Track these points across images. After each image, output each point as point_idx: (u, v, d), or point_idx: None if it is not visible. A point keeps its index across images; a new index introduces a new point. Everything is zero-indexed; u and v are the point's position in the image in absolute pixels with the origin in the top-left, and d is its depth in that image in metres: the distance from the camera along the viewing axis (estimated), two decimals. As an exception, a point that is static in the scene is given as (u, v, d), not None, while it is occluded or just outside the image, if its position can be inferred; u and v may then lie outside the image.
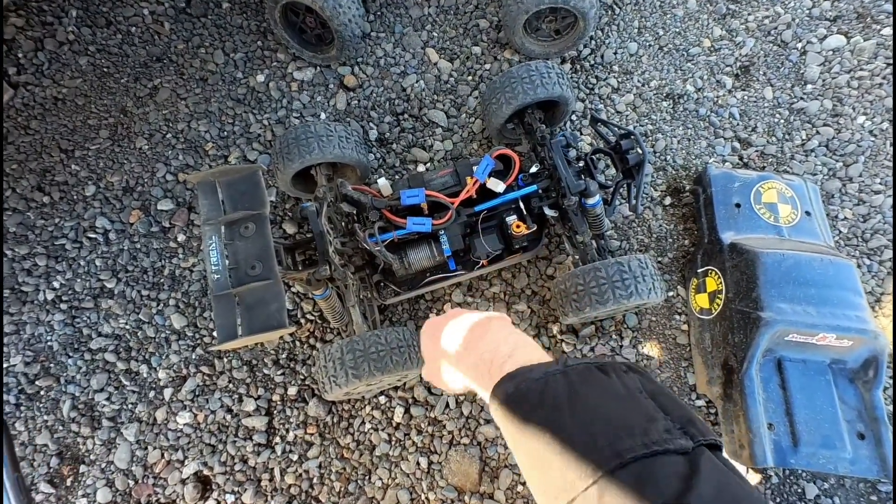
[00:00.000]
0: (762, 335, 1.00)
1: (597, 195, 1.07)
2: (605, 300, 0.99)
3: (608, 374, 0.45)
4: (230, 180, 1.02)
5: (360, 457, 1.18)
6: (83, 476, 1.21)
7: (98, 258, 1.35)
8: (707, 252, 1.21)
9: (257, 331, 0.92)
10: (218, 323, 0.92)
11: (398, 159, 1.40)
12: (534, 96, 1.15)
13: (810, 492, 1.13)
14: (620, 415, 0.41)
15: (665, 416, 0.41)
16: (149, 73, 1.48)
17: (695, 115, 1.43)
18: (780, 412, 1.01)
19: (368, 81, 1.46)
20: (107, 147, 1.43)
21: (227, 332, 0.92)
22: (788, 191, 1.22)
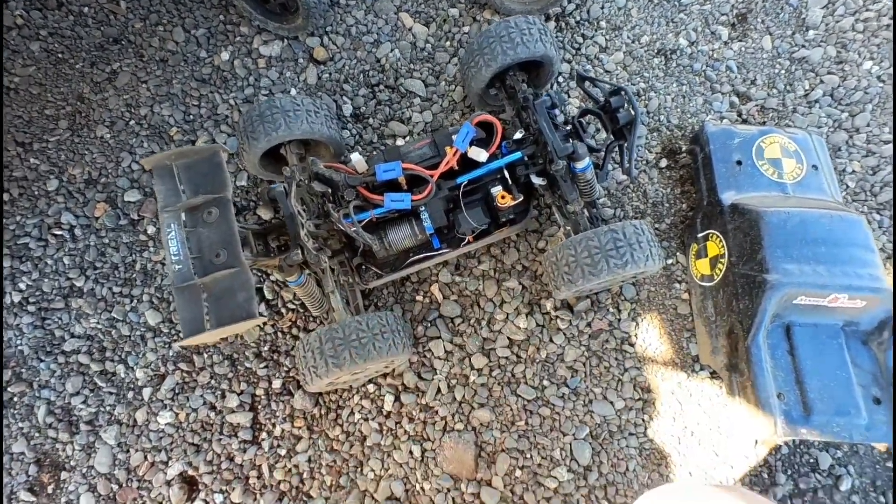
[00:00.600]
0: (769, 299, 0.94)
1: (586, 158, 0.99)
2: (598, 271, 0.92)
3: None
4: (189, 163, 0.95)
5: (351, 448, 1.13)
6: (64, 483, 1.16)
7: (65, 256, 1.27)
8: (707, 215, 1.13)
9: (226, 322, 0.85)
10: (182, 316, 0.86)
11: (375, 134, 1.31)
12: (514, 56, 1.06)
13: (823, 461, 1.08)
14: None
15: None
16: (106, 56, 1.39)
17: (689, 70, 1.34)
18: (790, 380, 0.95)
19: (340, 53, 1.37)
20: (66, 138, 1.35)
21: (194, 326, 0.85)
22: (792, 144, 1.13)
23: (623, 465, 1.09)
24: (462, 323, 1.18)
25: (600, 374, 1.14)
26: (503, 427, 1.11)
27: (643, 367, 1.14)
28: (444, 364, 1.16)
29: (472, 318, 1.18)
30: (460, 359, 1.16)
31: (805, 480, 1.07)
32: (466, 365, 1.15)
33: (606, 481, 1.08)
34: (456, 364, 1.16)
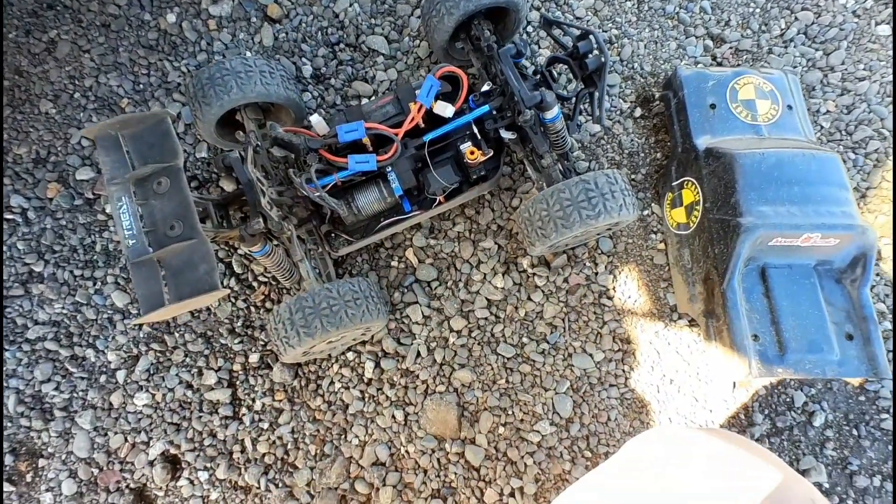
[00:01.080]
0: (743, 242, 0.93)
1: (555, 107, 0.95)
2: (571, 223, 0.90)
3: None
4: (135, 132, 0.89)
5: (334, 417, 1.12)
6: (43, 470, 1.14)
7: (20, 241, 1.21)
8: (681, 162, 1.11)
9: (187, 296, 0.82)
10: (139, 293, 0.82)
11: (339, 96, 1.25)
12: (478, 3, 1.00)
13: (798, 399, 1.10)
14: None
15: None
16: (41, 23, 1.29)
17: (661, 13, 1.29)
18: (766, 322, 0.95)
19: (295, 10, 1.28)
20: (7, 115, 1.26)
21: (152, 302, 0.82)
22: (767, 84, 1.10)
23: (604, 415, 1.10)
24: (439, 286, 1.16)
25: (579, 328, 1.13)
26: (485, 386, 1.11)
27: (622, 319, 1.13)
28: (422, 328, 1.14)
29: (449, 280, 1.16)
30: (439, 322, 1.14)
31: (781, 419, 1.09)
32: (445, 328, 1.14)
33: (588, 432, 1.09)
34: (435, 328, 1.14)
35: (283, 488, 1.11)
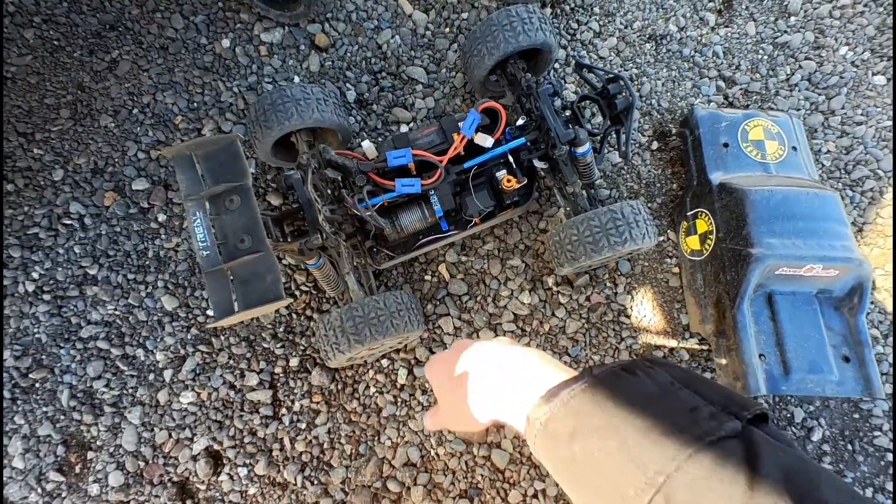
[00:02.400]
0: (753, 271, 1.03)
1: (587, 143, 1.05)
2: (599, 248, 0.99)
3: (636, 374, 0.43)
4: (207, 153, 0.98)
5: (368, 419, 1.20)
6: (92, 462, 1.21)
7: (76, 245, 1.30)
8: (696, 194, 1.22)
9: (254, 304, 0.91)
10: (213, 300, 0.90)
11: (380, 121, 1.35)
12: (516, 45, 1.11)
13: (798, 415, 1.19)
14: (661, 416, 0.39)
15: (705, 401, 0.40)
16: (104, 44, 1.38)
17: (678, 55, 1.41)
18: (771, 343, 1.05)
19: (341, 39, 1.39)
20: (69, 127, 1.35)
21: (224, 308, 0.90)
22: (774, 127, 1.22)
23: (620, 425, 1.18)
24: (469, 300, 1.25)
25: (599, 343, 1.23)
26: (511, 395, 1.19)
27: (638, 335, 1.23)
28: (453, 339, 1.23)
29: (479, 295, 1.26)
30: (468, 333, 1.23)
31: (782, 433, 1.19)
32: (475, 339, 1.23)
33: (605, 441, 1.17)
34: (464, 338, 1.23)
35: (318, 485, 1.18)
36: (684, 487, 0.36)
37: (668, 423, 0.38)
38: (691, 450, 0.36)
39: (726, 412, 0.38)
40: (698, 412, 0.38)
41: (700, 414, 0.38)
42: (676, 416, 0.39)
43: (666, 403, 0.40)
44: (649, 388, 0.41)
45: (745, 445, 0.36)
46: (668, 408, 0.39)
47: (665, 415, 0.39)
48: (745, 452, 0.36)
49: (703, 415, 0.38)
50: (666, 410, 0.39)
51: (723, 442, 0.37)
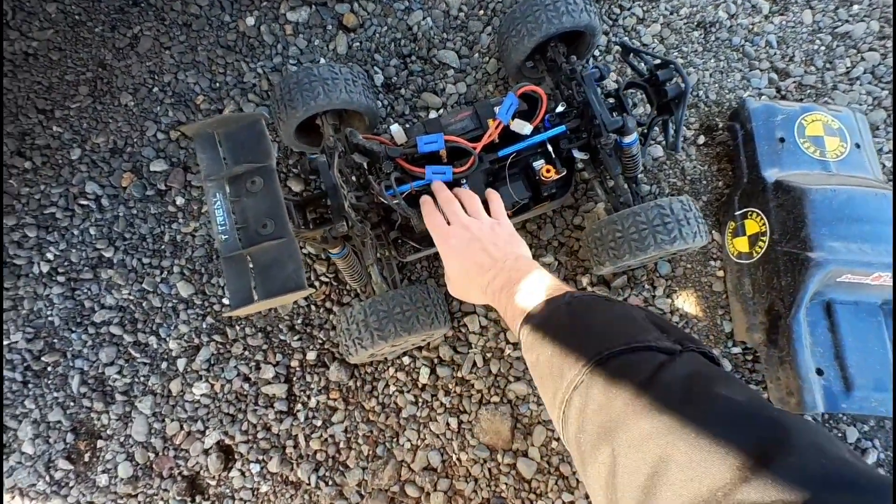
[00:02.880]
0: (812, 276, 0.94)
1: (634, 133, 0.98)
2: (645, 246, 0.92)
3: (611, 301, 0.52)
4: (230, 131, 0.92)
5: (387, 419, 1.14)
6: (101, 451, 1.17)
7: (92, 226, 1.26)
8: (746, 192, 1.13)
9: (274, 294, 0.85)
10: (230, 287, 0.85)
11: (408, 106, 1.29)
12: (559, 26, 1.03)
13: (851, 435, 1.10)
14: (612, 327, 0.46)
15: (661, 332, 0.45)
16: (126, 19, 1.34)
17: (728, 44, 1.31)
18: (830, 356, 0.96)
19: (370, 20, 1.33)
20: (88, 105, 1.31)
21: (242, 297, 0.84)
22: (835, 122, 1.12)
23: (656, 437, 1.10)
24: (497, 298, 1.18)
25: (635, 349, 1.15)
26: (540, 400, 1.12)
27: (677, 343, 1.15)
28: (479, 339, 1.16)
29: (508, 293, 1.18)
30: (495, 333, 1.16)
31: (833, 454, 1.10)
32: (502, 339, 1.16)
33: (639, 453, 1.10)
34: (491, 338, 1.16)
35: (333, 486, 1.13)
36: (600, 380, 0.41)
37: (612, 333, 0.45)
38: (616, 349, 0.42)
39: (674, 340, 0.43)
40: (645, 332, 0.44)
41: (645, 333, 0.44)
42: (623, 329, 0.45)
43: (621, 322, 0.47)
44: (616, 310, 0.49)
45: (671, 355, 0.41)
46: (620, 326, 0.46)
47: (614, 328, 0.46)
48: (666, 359, 0.40)
49: (647, 334, 0.44)
50: (617, 327, 0.46)
51: (651, 351, 0.42)
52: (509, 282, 0.66)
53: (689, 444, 0.33)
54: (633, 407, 0.37)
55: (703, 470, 0.31)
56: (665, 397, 0.36)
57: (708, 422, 0.33)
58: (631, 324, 0.47)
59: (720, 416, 0.34)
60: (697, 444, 0.32)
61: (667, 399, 0.36)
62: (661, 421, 0.35)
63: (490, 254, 0.76)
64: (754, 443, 0.32)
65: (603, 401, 0.40)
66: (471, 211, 0.88)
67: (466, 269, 0.77)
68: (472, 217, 0.86)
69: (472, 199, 0.88)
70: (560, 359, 0.46)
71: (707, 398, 0.35)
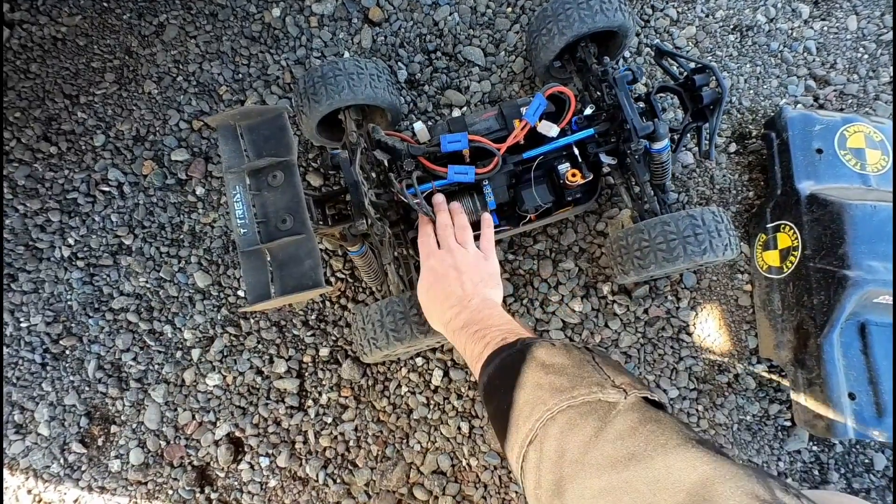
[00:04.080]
0: (849, 296, 0.90)
1: (665, 139, 0.94)
2: (674, 257, 0.88)
3: (563, 348, 0.53)
4: (252, 124, 0.91)
5: (398, 420, 1.13)
6: (114, 436, 1.18)
7: (113, 213, 1.26)
8: (779, 204, 1.08)
9: (291, 290, 0.84)
10: (248, 282, 0.84)
11: (431, 103, 1.26)
12: (592, 25, 1.00)
13: (879, 462, 1.06)
14: (562, 377, 0.48)
15: (605, 376, 0.47)
16: (153, 7, 1.34)
17: (765, 49, 1.27)
18: (863, 380, 0.92)
19: (396, 14, 1.30)
20: (113, 92, 1.32)
21: (259, 292, 0.84)
22: (878, 134, 1.07)
23: (673, 453, 1.07)
24: (515, 302, 1.16)
25: (654, 361, 1.12)
26: (554, 409, 1.10)
27: (699, 356, 1.11)
28: (494, 343, 1.14)
29: (526, 298, 1.16)
30: (511, 338, 1.14)
31: (858, 481, 1.05)
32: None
33: (655, 468, 1.07)
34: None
35: (341, 485, 1.12)
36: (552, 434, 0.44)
37: (556, 387, 0.47)
38: (561, 406, 0.45)
39: (617, 388, 0.45)
40: (583, 380, 0.46)
41: (584, 381, 0.46)
42: (564, 382, 0.47)
43: (564, 372, 0.49)
44: (558, 358, 0.51)
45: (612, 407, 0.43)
46: (562, 377, 0.48)
47: (555, 381, 0.48)
48: (604, 414, 0.42)
49: (587, 382, 0.46)
50: (558, 379, 0.48)
51: (593, 403, 0.44)
52: (470, 322, 0.71)
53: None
54: (581, 465, 0.39)
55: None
56: (610, 454, 0.39)
57: (648, 483, 0.36)
58: (579, 371, 0.48)
59: (657, 482, 0.36)
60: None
61: (611, 457, 0.38)
62: (606, 480, 0.37)
63: (463, 287, 0.80)
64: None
65: (555, 457, 0.42)
66: (460, 239, 0.90)
67: (435, 293, 0.82)
68: (459, 245, 0.89)
69: (464, 231, 0.90)
70: (516, 412, 0.48)
71: (645, 459, 0.37)
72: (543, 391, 0.47)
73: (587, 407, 0.43)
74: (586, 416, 0.42)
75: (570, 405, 0.44)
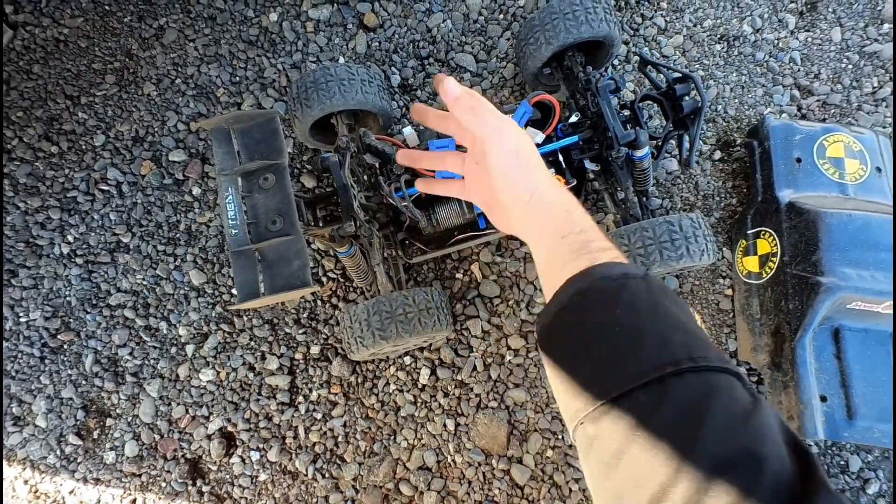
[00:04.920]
0: (822, 302, 0.92)
1: (646, 147, 0.97)
2: (651, 261, 0.91)
3: (665, 300, 0.44)
4: (245, 127, 0.94)
5: (385, 417, 1.16)
6: (110, 429, 1.21)
7: (112, 212, 1.29)
8: (760, 211, 1.11)
9: (280, 289, 0.87)
10: (238, 280, 0.87)
11: (423, 108, 1.29)
12: (577, 35, 1.03)
13: (854, 464, 1.08)
14: (694, 328, 0.41)
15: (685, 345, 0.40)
16: (153, 10, 1.37)
17: (751, 59, 1.29)
18: (835, 383, 0.95)
19: (390, 20, 1.33)
20: (114, 93, 1.35)
21: (248, 291, 0.87)
22: (857, 144, 1.10)
23: (652, 453, 1.10)
24: (501, 303, 1.19)
25: (636, 363, 1.14)
26: (537, 408, 1.13)
27: (680, 359, 1.14)
28: (480, 343, 1.17)
29: (511, 299, 1.19)
30: (497, 339, 1.17)
31: (834, 482, 1.08)
32: (503, 345, 1.16)
33: (635, 467, 1.10)
34: (493, 344, 1.17)
35: (329, 479, 1.15)
36: (684, 387, 0.37)
37: (695, 336, 0.40)
38: (706, 363, 0.37)
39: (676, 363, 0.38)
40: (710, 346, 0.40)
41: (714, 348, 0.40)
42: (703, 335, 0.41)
43: (695, 325, 0.42)
44: (687, 310, 0.44)
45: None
46: (698, 329, 0.42)
47: (696, 330, 0.41)
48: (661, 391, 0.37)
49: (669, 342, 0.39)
50: (696, 329, 0.41)
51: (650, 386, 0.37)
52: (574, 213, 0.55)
53: (693, 478, 0.32)
54: (638, 441, 0.35)
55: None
56: (668, 433, 0.35)
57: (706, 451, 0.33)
58: (659, 339, 0.40)
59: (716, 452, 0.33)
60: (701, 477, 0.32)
61: (670, 436, 0.35)
62: (661, 458, 0.34)
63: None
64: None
65: (611, 433, 0.37)
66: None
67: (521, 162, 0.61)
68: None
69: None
70: (580, 377, 0.41)
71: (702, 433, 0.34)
72: (680, 337, 0.39)
73: (647, 391, 0.37)
74: (646, 400, 0.37)
75: (630, 389, 0.38)
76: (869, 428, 0.91)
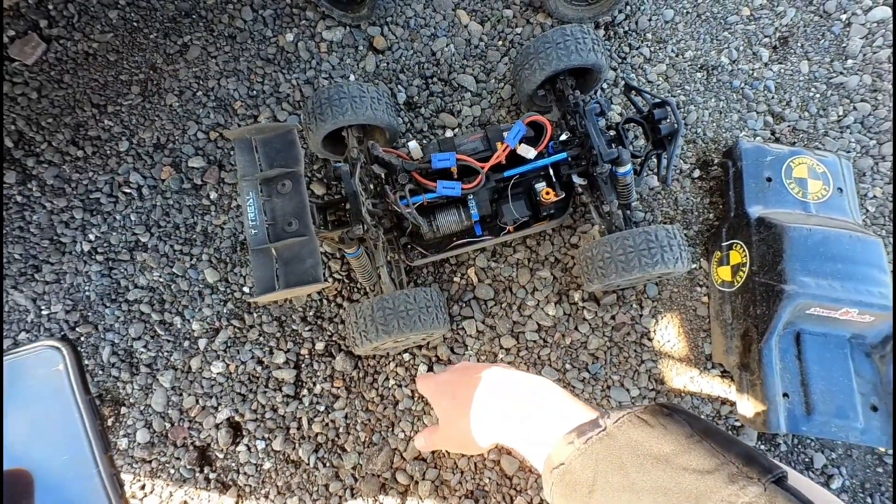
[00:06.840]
0: (784, 307, 1.02)
1: (628, 164, 1.07)
2: (630, 268, 1.01)
3: (652, 425, 0.42)
4: (266, 138, 1.04)
5: (384, 410, 1.24)
6: (124, 417, 1.28)
7: (133, 213, 1.38)
8: (733, 225, 1.21)
9: (293, 284, 0.96)
10: (256, 276, 0.96)
11: (426, 124, 1.40)
12: (568, 62, 1.14)
13: (818, 461, 1.17)
14: (677, 479, 0.38)
15: (724, 459, 0.38)
16: (178, 28, 1.48)
17: (728, 87, 1.41)
18: (796, 382, 1.04)
19: (398, 43, 1.45)
20: (138, 103, 1.45)
21: (266, 285, 0.95)
22: (820, 166, 1.21)
23: (633, 447, 1.18)
24: (494, 306, 1.28)
25: (619, 363, 1.23)
26: (526, 403, 1.21)
27: (658, 360, 1.23)
28: (475, 342, 1.26)
29: (504, 302, 1.28)
30: (491, 338, 1.26)
31: (799, 476, 1.16)
32: (496, 345, 1.25)
33: (616, 460, 1.18)
34: (486, 343, 1.26)
35: (330, 468, 1.22)
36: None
37: (684, 487, 0.37)
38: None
39: (745, 476, 0.36)
40: (718, 473, 0.37)
41: (720, 475, 0.37)
42: (694, 478, 0.37)
43: (684, 461, 0.39)
44: (667, 443, 0.40)
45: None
46: (686, 468, 0.38)
47: (681, 477, 0.38)
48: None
49: (722, 476, 0.37)
50: (683, 471, 0.38)
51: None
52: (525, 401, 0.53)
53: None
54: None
55: None
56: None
57: None
58: (695, 460, 0.38)
59: None
60: None
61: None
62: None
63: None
64: None
65: None
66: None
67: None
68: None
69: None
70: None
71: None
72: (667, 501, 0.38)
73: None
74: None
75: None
76: (826, 422, 1.00)
